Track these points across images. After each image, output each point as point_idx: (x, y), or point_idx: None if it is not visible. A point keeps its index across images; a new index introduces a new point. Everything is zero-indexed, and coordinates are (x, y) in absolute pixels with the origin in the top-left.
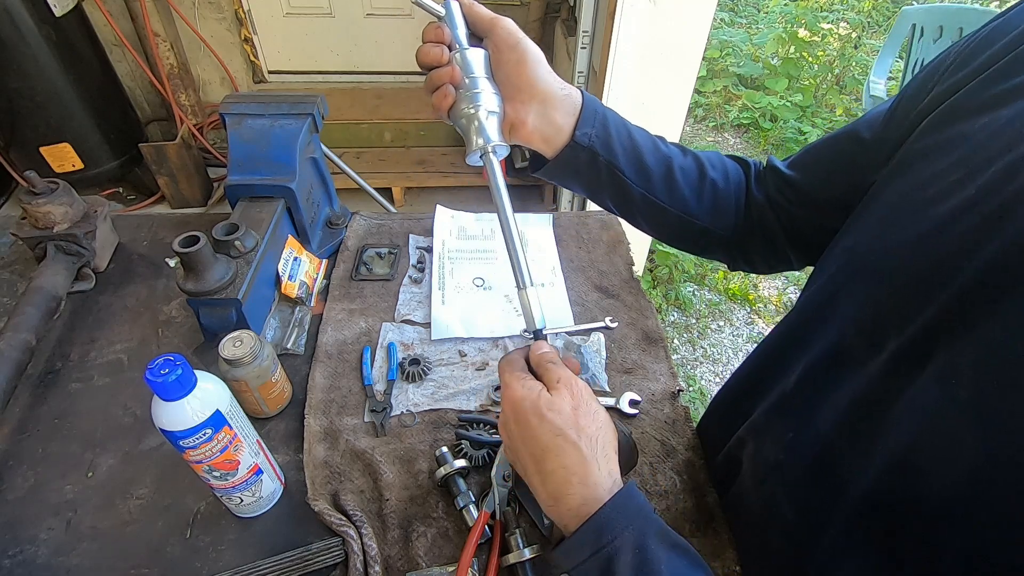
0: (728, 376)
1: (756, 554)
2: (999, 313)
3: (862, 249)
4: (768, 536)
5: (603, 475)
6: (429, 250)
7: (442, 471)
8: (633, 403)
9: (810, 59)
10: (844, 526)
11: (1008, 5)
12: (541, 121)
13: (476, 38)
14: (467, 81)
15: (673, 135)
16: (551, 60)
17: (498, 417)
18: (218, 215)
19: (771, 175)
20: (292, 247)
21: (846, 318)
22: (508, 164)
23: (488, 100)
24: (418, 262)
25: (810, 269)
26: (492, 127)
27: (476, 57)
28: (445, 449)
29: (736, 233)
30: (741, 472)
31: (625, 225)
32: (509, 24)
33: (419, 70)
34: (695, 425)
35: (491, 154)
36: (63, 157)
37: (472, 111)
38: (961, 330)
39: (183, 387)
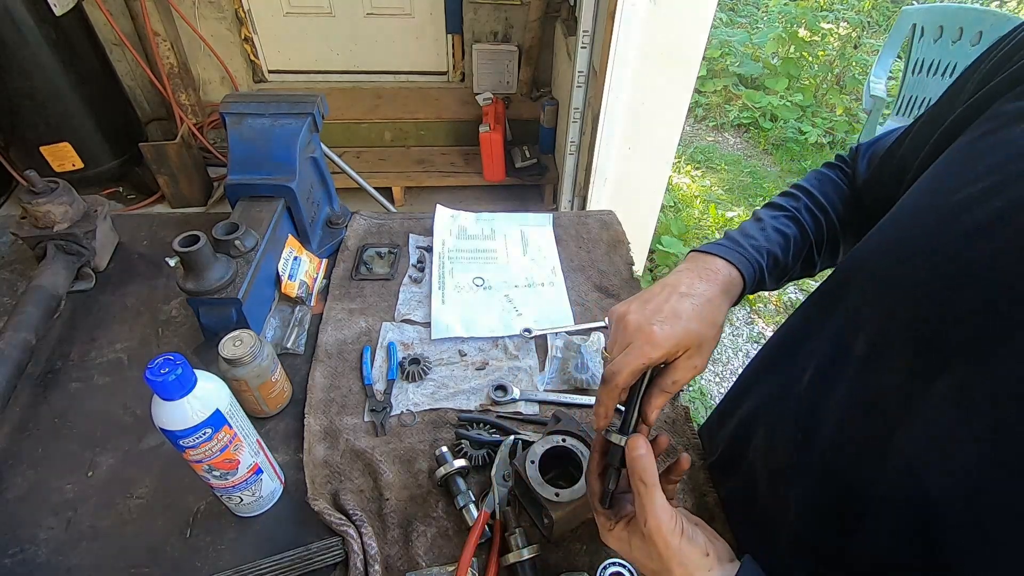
0: (729, 375)
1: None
2: (1013, 345)
3: (877, 254)
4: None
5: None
6: (429, 250)
7: (442, 471)
8: None
9: (810, 59)
10: (849, 525)
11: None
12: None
13: None
14: None
15: (673, 135)
16: (551, 60)
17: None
18: (218, 214)
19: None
20: (292, 247)
21: (853, 322)
22: (508, 163)
23: None
24: (418, 262)
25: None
26: None
27: None
28: (445, 449)
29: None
30: (750, 473)
31: (625, 225)
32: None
33: (419, 70)
34: (696, 426)
35: None
36: (63, 156)
37: None
38: (974, 356)
39: (183, 387)
